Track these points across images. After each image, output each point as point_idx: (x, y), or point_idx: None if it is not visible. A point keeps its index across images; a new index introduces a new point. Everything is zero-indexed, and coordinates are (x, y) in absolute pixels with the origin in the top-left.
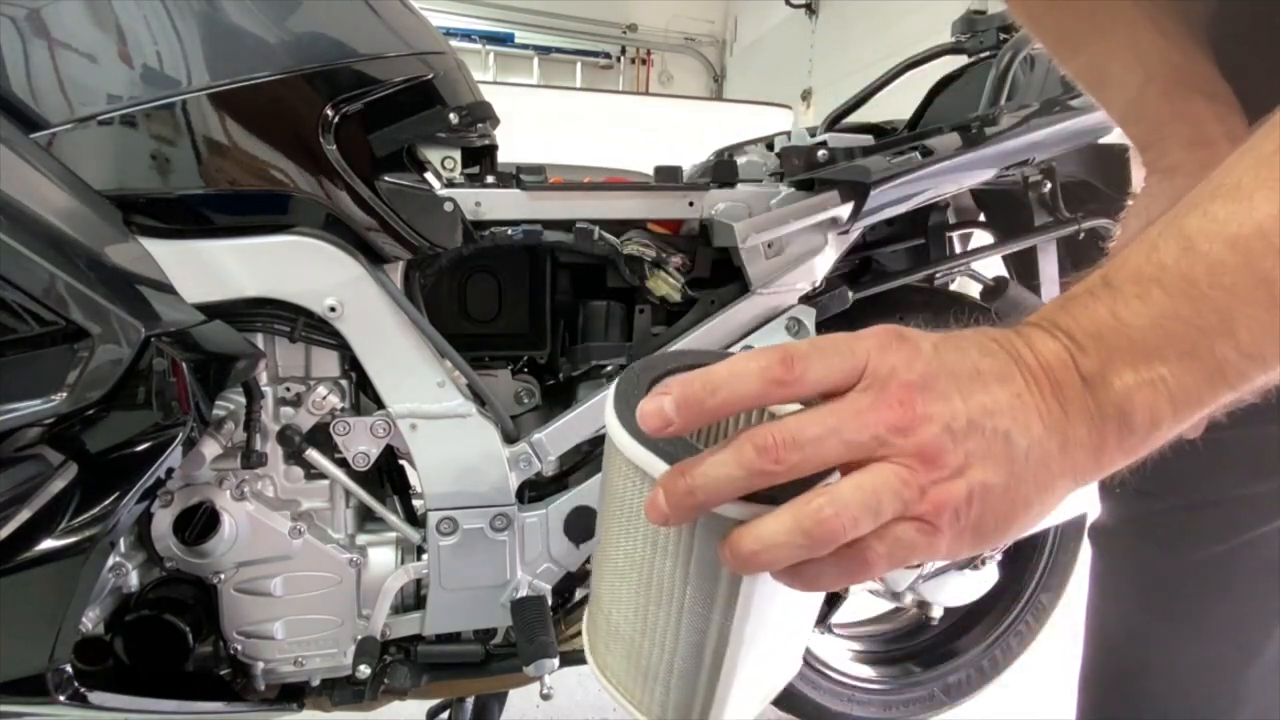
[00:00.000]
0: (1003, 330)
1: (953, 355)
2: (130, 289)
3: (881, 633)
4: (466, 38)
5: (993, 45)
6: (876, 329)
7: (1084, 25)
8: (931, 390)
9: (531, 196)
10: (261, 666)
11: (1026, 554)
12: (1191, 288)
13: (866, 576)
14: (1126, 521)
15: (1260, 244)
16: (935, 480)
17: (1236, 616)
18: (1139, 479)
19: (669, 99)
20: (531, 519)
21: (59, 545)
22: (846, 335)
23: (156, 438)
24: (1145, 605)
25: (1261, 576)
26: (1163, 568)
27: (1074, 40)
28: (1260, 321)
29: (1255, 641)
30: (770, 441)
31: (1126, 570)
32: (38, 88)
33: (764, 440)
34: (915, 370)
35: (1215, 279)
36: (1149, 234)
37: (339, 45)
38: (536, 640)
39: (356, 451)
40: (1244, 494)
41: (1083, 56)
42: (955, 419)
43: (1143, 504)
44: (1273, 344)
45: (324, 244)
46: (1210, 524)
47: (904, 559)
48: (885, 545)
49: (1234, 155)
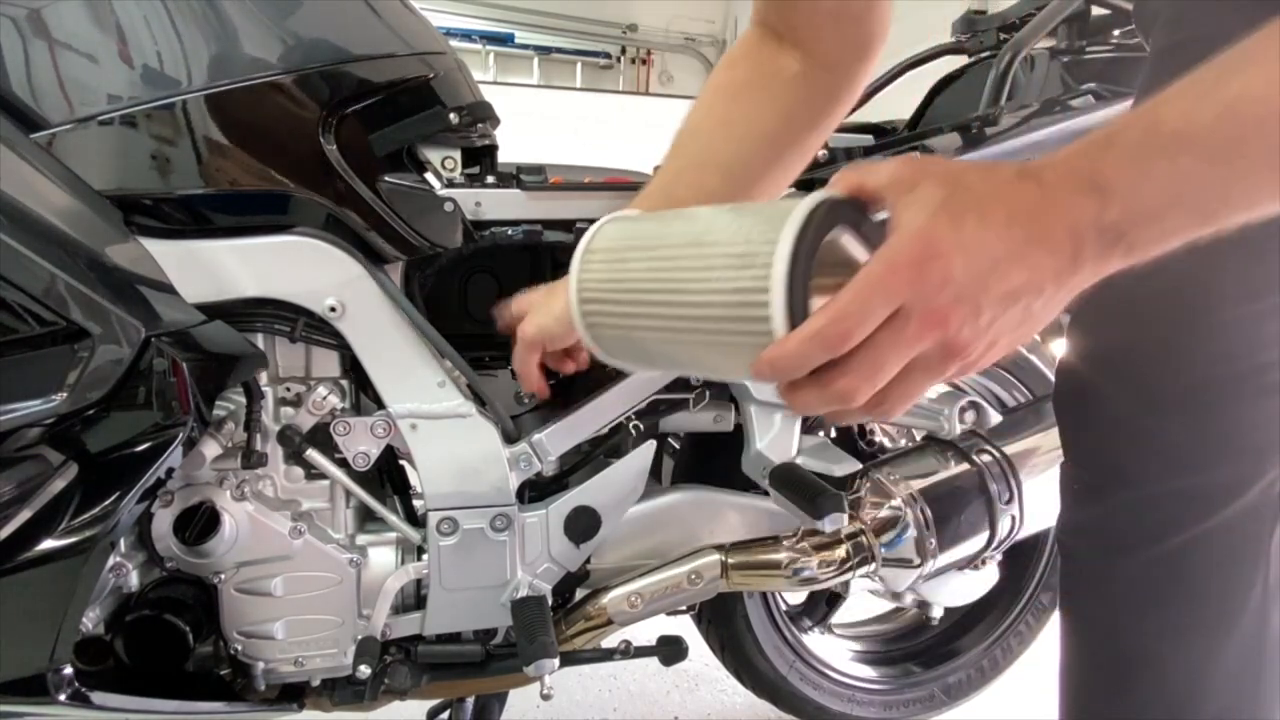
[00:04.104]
0: (1033, 187)
1: (977, 248)
2: (131, 289)
3: (882, 633)
4: (466, 38)
5: (993, 45)
6: (916, 218)
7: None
8: (961, 305)
9: (531, 196)
10: (262, 666)
11: (1026, 554)
12: (1220, 150)
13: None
14: (1083, 522)
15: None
16: (960, 361)
17: (1196, 613)
18: (1090, 474)
19: (669, 99)
20: (532, 519)
21: (59, 545)
22: (886, 264)
23: (157, 438)
24: (1110, 605)
25: (1216, 572)
26: (1119, 568)
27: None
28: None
29: (1217, 638)
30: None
31: (1088, 571)
32: (38, 88)
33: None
34: (946, 293)
35: (1244, 145)
36: (1196, 84)
37: (339, 45)
38: (537, 640)
39: (357, 451)
40: (1188, 485)
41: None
42: (980, 319)
43: (1098, 503)
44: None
45: (324, 244)
46: (1159, 519)
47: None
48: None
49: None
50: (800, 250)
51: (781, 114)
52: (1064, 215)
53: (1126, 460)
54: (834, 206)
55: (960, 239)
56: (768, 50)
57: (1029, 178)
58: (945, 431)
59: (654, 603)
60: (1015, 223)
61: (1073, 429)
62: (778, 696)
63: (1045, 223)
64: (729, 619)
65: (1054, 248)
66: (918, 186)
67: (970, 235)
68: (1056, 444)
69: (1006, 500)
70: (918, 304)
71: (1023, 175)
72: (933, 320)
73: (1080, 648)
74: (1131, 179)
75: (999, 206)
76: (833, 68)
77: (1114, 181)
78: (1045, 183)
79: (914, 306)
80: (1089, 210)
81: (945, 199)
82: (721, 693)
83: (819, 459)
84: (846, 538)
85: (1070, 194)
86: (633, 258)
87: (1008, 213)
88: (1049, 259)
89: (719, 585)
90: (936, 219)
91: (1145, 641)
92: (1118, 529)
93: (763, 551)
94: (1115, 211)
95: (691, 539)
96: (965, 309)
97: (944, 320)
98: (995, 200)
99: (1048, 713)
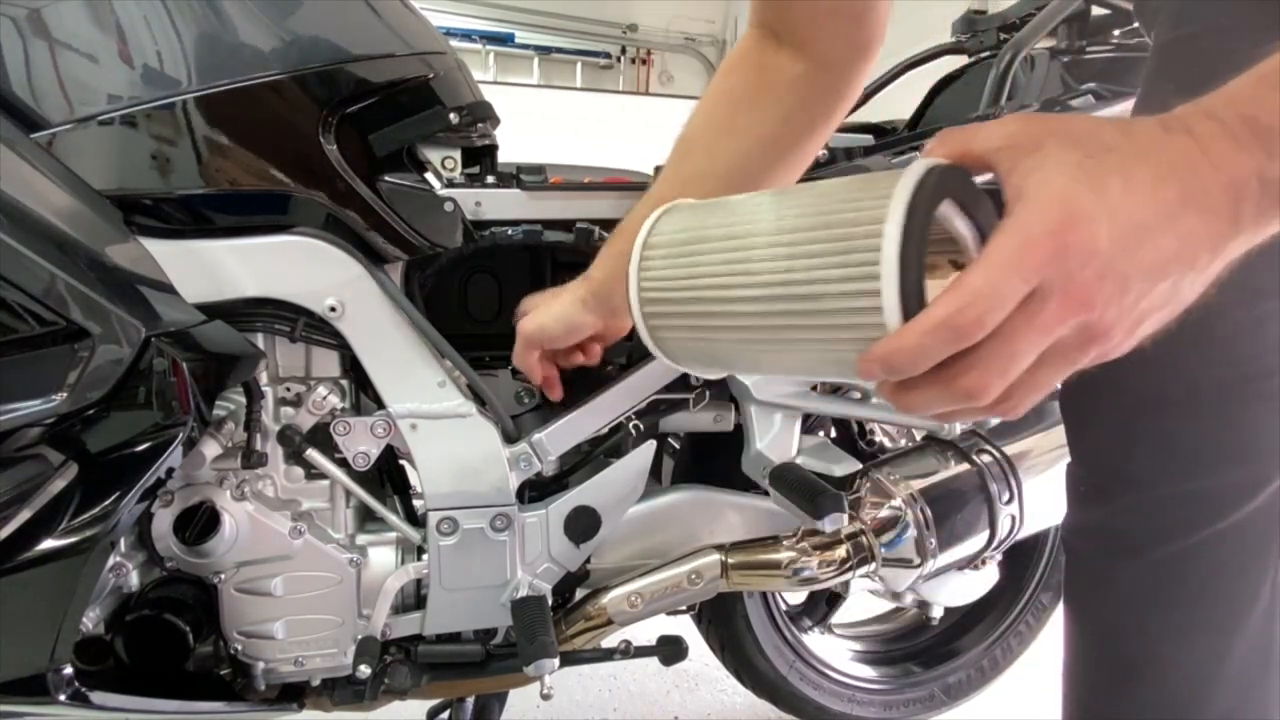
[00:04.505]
0: (1185, 140)
1: (1123, 214)
2: (131, 289)
3: (882, 633)
4: (466, 38)
5: (993, 45)
6: (1050, 183)
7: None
8: (1107, 281)
9: (531, 196)
10: (262, 666)
11: (1026, 554)
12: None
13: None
14: (1088, 524)
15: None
16: (1101, 346)
17: (1201, 617)
18: (1095, 475)
19: (669, 99)
20: (532, 519)
21: (59, 545)
22: (1020, 237)
23: (157, 438)
24: (1114, 607)
25: (1222, 577)
26: (1125, 570)
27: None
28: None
29: (1222, 642)
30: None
31: (1092, 573)
32: (38, 88)
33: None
34: (1090, 268)
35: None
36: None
37: (339, 45)
38: (537, 640)
39: (357, 451)
40: (1194, 488)
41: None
42: (1127, 298)
43: (1102, 505)
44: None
45: (324, 244)
46: (1165, 523)
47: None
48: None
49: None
50: (912, 227)
51: (782, 117)
52: (1221, 170)
53: (1131, 463)
54: (945, 174)
55: (1105, 205)
56: (766, 53)
57: (1176, 130)
58: (945, 431)
59: (654, 603)
60: (1165, 184)
61: (1077, 430)
62: (778, 696)
63: (1200, 181)
64: (729, 619)
65: (1209, 209)
66: (1043, 147)
67: (1116, 200)
68: (1056, 444)
69: (1006, 500)
70: (1058, 282)
71: (1167, 127)
72: (1076, 300)
73: (1084, 648)
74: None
75: (1144, 165)
76: (832, 68)
77: (1273, 129)
78: (1197, 134)
79: (1053, 285)
80: (1251, 161)
81: (1081, 160)
82: (721, 693)
83: (819, 459)
84: (846, 538)
85: (1230, 147)
86: (701, 250)
87: (1155, 172)
88: (1204, 223)
89: (719, 585)
90: (1076, 183)
91: (1148, 643)
92: (1123, 531)
93: (763, 551)
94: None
95: (691, 539)
96: (1111, 286)
97: (1088, 300)
98: (1139, 158)
99: (1048, 713)
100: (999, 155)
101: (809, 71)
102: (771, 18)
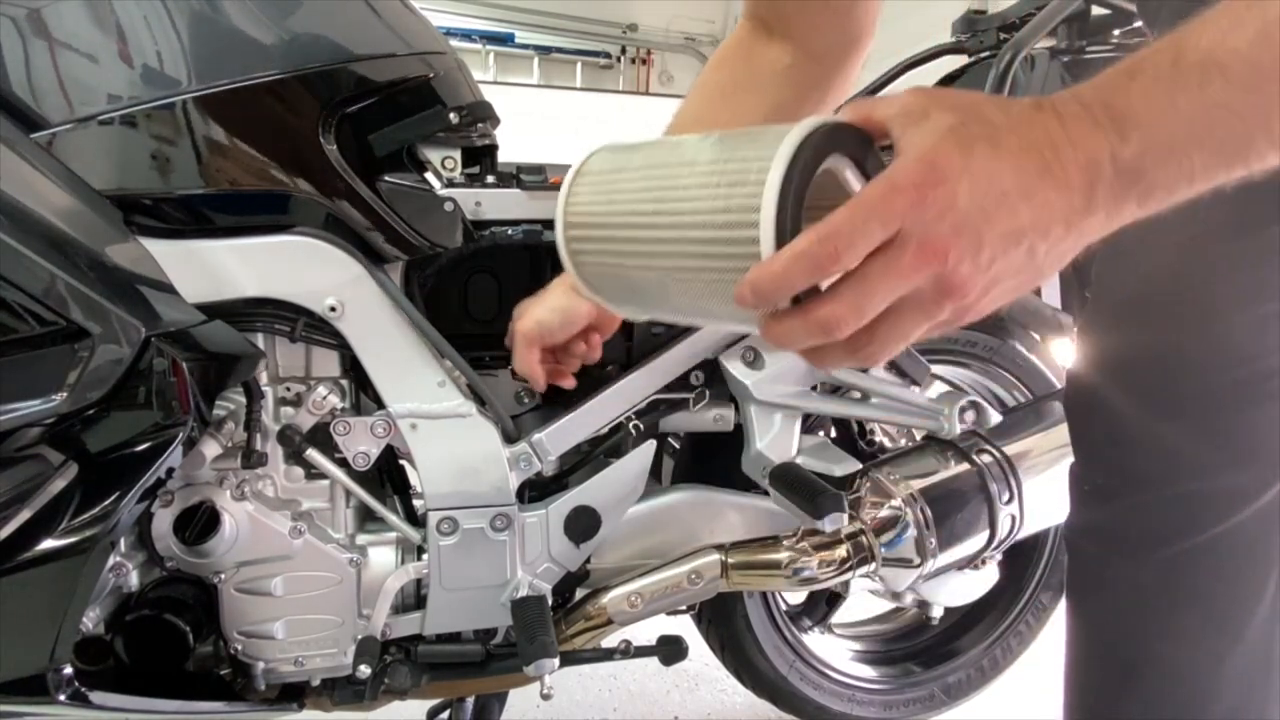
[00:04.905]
0: (1051, 118)
1: (984, 177)
2: (131, 289)
3: (882, 633)
4: (466, 38)
5: (993, 45)
6: (923, 143)
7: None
8: (961, 237)
9: (531, 196)
10: (262, 666)
11: (1026, 554)
12: (1255, 75)
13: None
14: (1091, 523)
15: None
16: (956, 302)
17: (1203, 618)
18: (1103, 477)
19: (669, 99)
20: (531, 519)
21: (59, 545)
22: (885, 185)
23: (157, 438)
24: (1116, 606)
25: (1225, 578)
26: (1127, 570)
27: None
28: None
29: (1225, 643)
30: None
31: (1095, 572)
32: (38, 88)
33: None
34: (947, 221)
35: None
36: (1228, 11)
37: (339, 45)
38: (537, 640)
39: (356, 451)
40: (1197, 489)
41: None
42: (981, 256)
43: (1106, 505)
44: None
45: (324, 244)
46: (1168, 523)
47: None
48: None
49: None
50: (795, 168)
51: (772, 107)
52: (1079, 150)
53: (1134, 464)
54: (835, 130)
55: (968, 166)
56: (758, 45)
57: (1047, 110)
58: (945, 431)
59: (654, 602)
60: (1027, 155)
61: (1081, 430)
62: (778, 696)
63: (1059, 157)
64: (729, 619)
65: (1066, 184)
66: (929, 115)
67: (979, 163)
68: (1056, 444)
69: (1006, 500)
70: (915, 230)
71: (1039, 107)
72: (930, 250)
73: (1085, 647)
74: (1153, 111)
75: (1012, 137)
76: (822, 59)
77: (1135, 114)
78: (1063, 115)
79: (911, 233)
80: (1106, 145)
81: (956, 125)
82: (721, 693)
83: (819, 459)
84: (846, 537)
85: (1088, 127)
86: (621, 180)
87: (1020, 144)
88: (1060, 196)
89: (719, 585)
90: (945, 143)
91: (1150, 643)
92: (1126, 531)
93: (763, 551)
94: (1134, 146)
95: (691, 539)
96: (966, 242)
97: (942, 251)
98: (1009, 130)
99: (1048, 713)
100: (893, 121)
101: (800, 63)
102: (764, 10)
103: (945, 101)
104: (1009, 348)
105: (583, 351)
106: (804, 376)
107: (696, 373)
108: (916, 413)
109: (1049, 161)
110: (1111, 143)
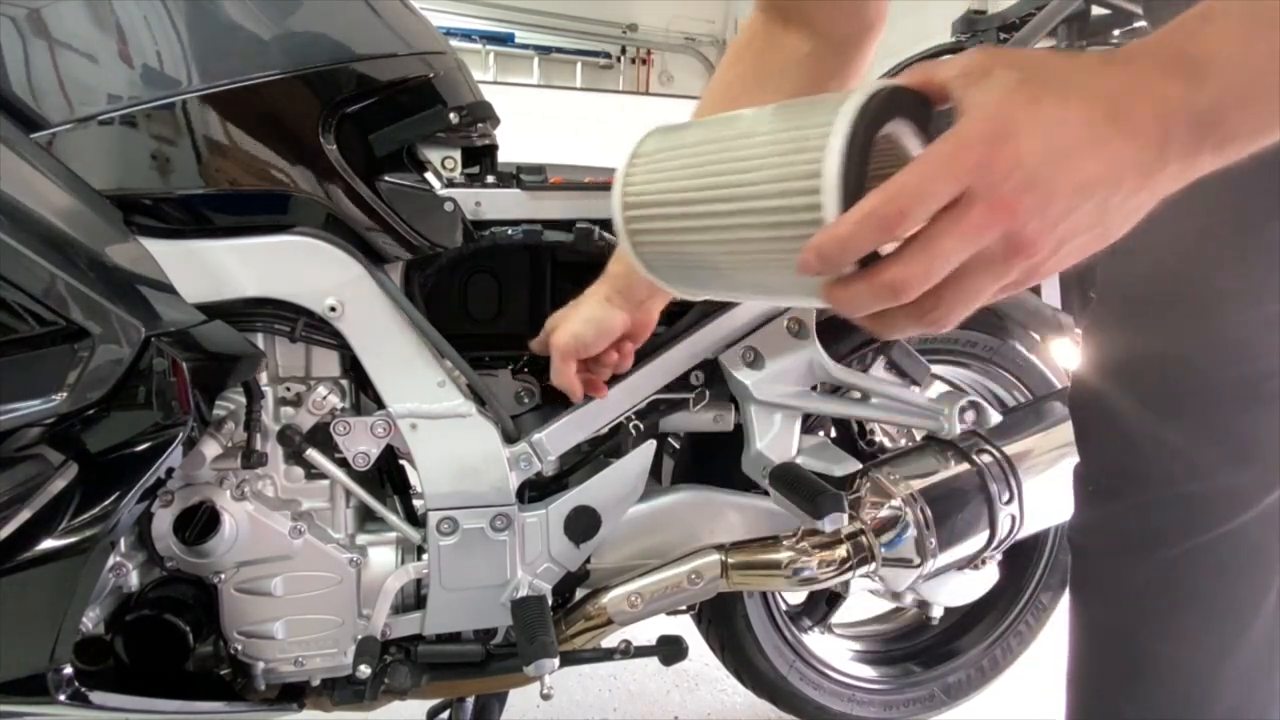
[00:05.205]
0: (1120, 68)
1: (1052, 130)
2: (131, 289)
3: (882, 633)
4: (466, 38)
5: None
6: (987, 100)
7: None
8: (1030, 193)
9: (531, 196)
10: (262, 666)
11: (1026, 554)
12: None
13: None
14: (1095, 523)
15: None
16: (1026, 261)
17: (1206, 617)
18: (1105, 477)
19: (669, 99)
20: (531, 519)
21: (59, 545)
22: (952, 143)
23: (157, 438)
24: (1119, 605)
25: (1228, 578)
26: (1129, 570)
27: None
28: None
29: (1227, 643)
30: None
31: (1097, 571)
32: (38, 88)
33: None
34: (1015, 178)
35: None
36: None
37: (339, 45)
38: (537, 640)
39: (356, 451)
40: (1198, 489)
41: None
42: (1050, 212)
43: (1109, 504)
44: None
45: (324, 244)
46: (1171, 523)
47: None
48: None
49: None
50: (856, 132)
51: (794, 95)
52: (1151, 98)
53: (1135, 464)
54: (896, 93)
55: (1035, 120)
56: (775, 34)
57: (1115, 61)
58: (945, 431)
59: (654, 603)
60: (1095, 106)
61: (1085, 429)
62: (778, 696)
63: (1130, 106)
64: (729, 619)
65: (1137, 134)
66: (991, 73)
67: (1047, 116)
68: (1056, 444)
69: (1006, 500)
70: (983, 188)
71: (1107, 60)
72: (999, 207)
73: (1088, 646)
74: (1231, 55)
75: (1079, 90)
76: (840, 45)
77: (1211, 59)
78: (1133, 65)
79: (979, 191)
80: (1180, 92)
81: (1020, 80)
82: (721, 693)
83: (819, 459)
84: (846, 537)
85: (1160, 75)
86: (677, 157)
87: (1089, 96)
88: (1131, 148)
89: (719, 585)
90: (1010, 99)
91: (1153, 642)
92: (1129, 530)
93: (763, 551)
94: (1210, 93)
95: (691, 539)
96: (1035, 198)
97: (1011, 208)
98: (1076, 83)
99: (1048, 713)
100: (955, 82)
101: (818, 50)
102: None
103: (1008, 59)
104: (1009, 348)
105: (615, 361)
106: (804, 376)
107: (696, 373)
108: (916, 413)
109: (1118, 111)
110: (1185, 89)
